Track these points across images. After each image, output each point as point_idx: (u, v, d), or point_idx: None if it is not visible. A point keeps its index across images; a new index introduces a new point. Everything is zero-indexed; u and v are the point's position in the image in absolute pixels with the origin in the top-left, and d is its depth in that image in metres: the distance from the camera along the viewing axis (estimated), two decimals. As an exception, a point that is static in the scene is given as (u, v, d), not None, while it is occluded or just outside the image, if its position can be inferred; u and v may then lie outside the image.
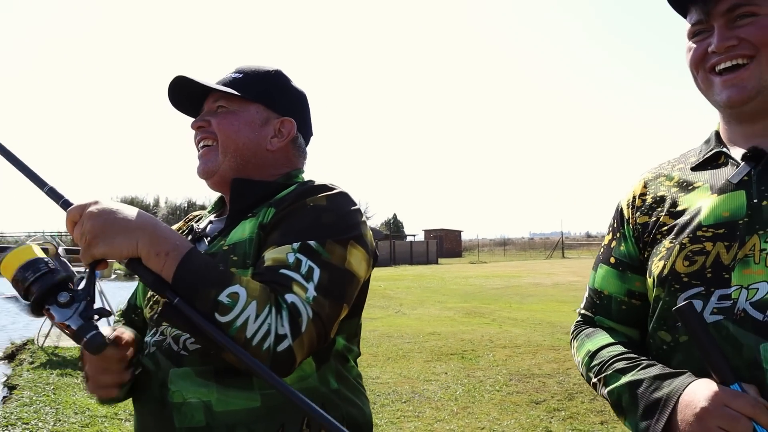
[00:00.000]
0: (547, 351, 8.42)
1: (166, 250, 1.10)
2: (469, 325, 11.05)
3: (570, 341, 1.43)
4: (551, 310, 13.22)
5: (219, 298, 1.07)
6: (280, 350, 1.08)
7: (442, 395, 6.20)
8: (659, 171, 1.35)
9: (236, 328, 1.06)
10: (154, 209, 61.42)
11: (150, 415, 1.27)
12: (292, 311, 1.11)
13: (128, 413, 5.66)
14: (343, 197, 1.32)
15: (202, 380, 1.21)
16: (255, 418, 1.19)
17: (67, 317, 1.03)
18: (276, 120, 1.44)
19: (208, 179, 1.44)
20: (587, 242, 66.89)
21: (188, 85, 1.43)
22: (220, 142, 1.40)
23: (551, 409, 5.63)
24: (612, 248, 1.37)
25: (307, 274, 1.16)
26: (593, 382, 1.26)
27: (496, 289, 18.54)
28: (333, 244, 1.22)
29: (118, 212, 1.10)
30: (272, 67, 1.48)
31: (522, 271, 28.25)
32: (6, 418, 5.56)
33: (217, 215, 1.52)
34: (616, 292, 1.34)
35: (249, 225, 1.31)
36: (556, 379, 6.75)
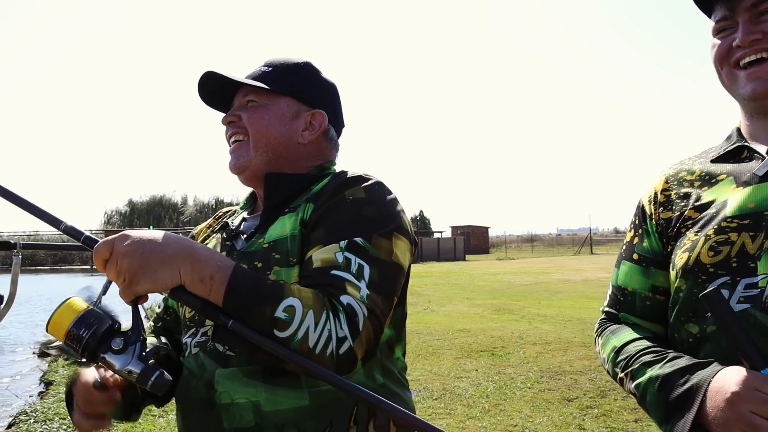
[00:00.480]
0: (578, 348, 8.35)
1: (210, 273, 1.06)
2: (499, 322, 11.01)
3: (594, 339, 1.43)
4: (581, 306, 13.11)
5: (276, 314, 1.05)
6: (342, 353, 1.08)
7: (474, 392, 6.18)
8: (680, 167, 1.35)
9: (298, 340, 1.05)
10: (182, 208, 62.02)
11: (197, 417, 1.26)
12: (349, 312, 1.11)
13: (161, 409, 5.73)
14: (380, 187, 1.31)
15: (250, 380, 1.20)
16: (304, 416, 1.19)
17: (128, 363, 1.02)
18: (307, 112, 1.43)
19: (240, 174, 1.43)
20: (616, 238, 66.36)
21: (218, 81, 1.43)
22: (251, 136, 1.39)
23: (584, 406, 5.58)
24: (635, 245, 1.37)
25: (358, 272, 1.16)
26: (620, 377, 1.26)
27: (524, 286, 18.44)
28: (379, 239, 1.21)
29: (151, 243, 1.05)
30: (301, 60, 1.48)
31: (550, 267, 28.06)
32: (44, 413, 5.67)
33: (249, 212, 1.51)
34: (640, 288, 1.33)
35: (289, 221, 1.30)
36: (588, 377, 6.69)
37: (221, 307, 1.06)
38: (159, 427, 5.26)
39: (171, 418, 5.49)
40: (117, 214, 66.27)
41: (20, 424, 5.42)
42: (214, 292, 1.06)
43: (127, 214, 64.86)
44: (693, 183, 1.29)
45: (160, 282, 1.03)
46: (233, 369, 1.22)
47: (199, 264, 1.06)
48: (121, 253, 1.03)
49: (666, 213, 1.30)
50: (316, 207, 1.28)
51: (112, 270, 1.03)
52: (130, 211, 64.58)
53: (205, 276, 1.06)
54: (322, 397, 1.20)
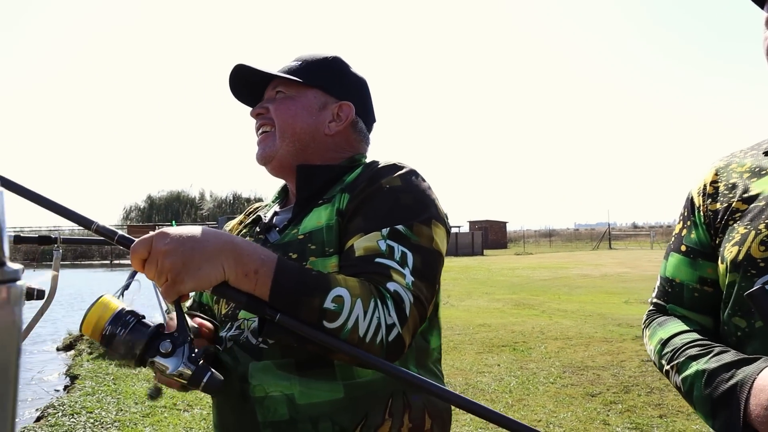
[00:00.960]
0: (599, 343, 8.32)
1: (255, 267, 1.04)
2: (519, 317, 10.98)
3: (642, 330, 1.43)
4: (601, 301, 13.06)
5: (325, 305, 1.04)
6: (391, 340, 1.09)
7: (496, 387, 6.18)
8: (731, 159, 1.34)
9: (348, 330, 1.05)
10: (199, 203, 62.34)
11: (231, 410, 1.26)
12: (396, 299, 1.11)
13: (186, 404, 5.78)
14: (415, 175, 1.32)
15: (284, 373, 1.20)
16: (338, 409, 1.19)
17: (179, 366, 1.01)
18: (334, 104, 1.44)
19: (266, 164, 1.44)
20: (634, 233, 65.89)
21: (248, 75, 1.44)
22: (278, 126, 1.40)
23: (608, 401, 5.56)
24: (683, 236, 1.36)
25: (402, 259, 1.16)
26: (666, 369, 1.25)
27: (543, 281, 18.38)
28: (419, 226, 1.22)
29: (192, 240, 1.02)
30: (330, 54, 1.49)
31: (569, 262, 27.93)
32: (71, 407, 5.73)
33: (281, 206, 1.51)
34: (688, 280, 1.33)
35: (325, 212, 1.29)
36: (610, 372, 6.66)
37: (267, 301, 1.04)
38: (184, 421, 5.30)
39: (196, 412, 5.54)
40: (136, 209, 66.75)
41: (48, 417, 5.49)
42: (260, 286, 1.04)
43: (146, 210, 65.35)
44: (742, 175, 1.28)
45: (205, 279, 1.00)
46: (267, 362, 1.21)
47: (243, 258, 1.04)
48: (162, 252, 0.99)
49: (714, 205, 1.29)
50: (353, 197, 1.28)
51: (152, 269, 1.00)
52: (148, 207, 65.06)
53: (250, 270, 1.04)
54: (357, 389, 1.20)
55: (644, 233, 61.39)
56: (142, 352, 1.02)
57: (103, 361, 7.87)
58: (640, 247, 44.50)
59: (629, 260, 27.85)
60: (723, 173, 1.32)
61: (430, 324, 1.37)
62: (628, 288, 15.62)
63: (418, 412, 1.25)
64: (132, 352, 1.02)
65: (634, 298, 13.58)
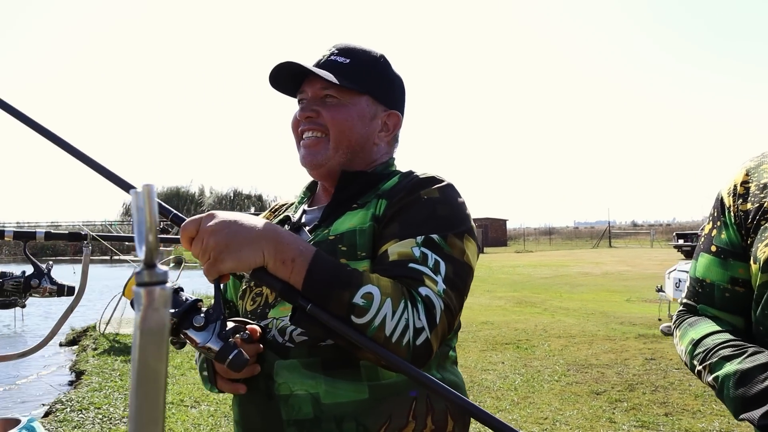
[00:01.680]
0: (602, 341, 8.35)
1: (292, 256, 1.08)
2: (521, 315, 11.01)
3: (672, 330, 1.43)
4: (602, 299, 13.08)
5: (354, 300, 1.06)
6: (419, 343, 1.09)
7: (501, 385, 6.21)
8: (762, 159, 1.34)
9: (375, 328, 1.06)
10: (199, 199, 62.34)
11: (255, 408, 1.27)
12: (428, 304, 1.12)
13: (193, 400, 5.80)
14: (452, 189, 1.33)
15: (310, 372, 1.20)
16: (363, 410, 1.19)
17: (208, 340, 1.05)
18: (383, 113, 1.43)
19: (313, 170, 1.42)
20: (634, 231, 65.83)
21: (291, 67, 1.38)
22: (333, 136, 1.37)
23: (613, 400, 5.59)
24: (713, 237, 1.37)
25: (435, 267, 1.17)
26: (697, 369, 1.26)
27: (544, 279, 18.41)
28: (453, 238, 1.23)
29: (237, 223, 1.07)
30: (377, 52, 1.45)
31: (569, 260, 27.95)
32: (79, 402, 5.75)
33: (308, 204, 1.51)
34: (719, 280, 1.33)
35: (358, 216, 1.30)
36: (614, 370, 6.69)
37: (300, 291, 1.07)
38: (192, 417, 5.33)
39: (203, 408, 5.56)
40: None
41: (57, 413, 5.50)
42: (295, 275, 1.07)
43: (147, 205, 65.04)
44: None
45: (244, 261, 1.04)
46: (293, 361, 1.22)
47: (283, 246, 1.08)
48: (208, 231, 1.04)
49: (745, 205, 1.30)
50: (390, 204, 1.29)
51: (197, 247, 1.05)
52: (149, 202, 64.78)
53: (287, 258, 1.07)
54: (382, 391, 1.21)
55: (644, 232, 61.38)
56: (176, 323, 1.06)
57: (108, 356, 7.89)
58: (640, 246, 44.51)
59: (629, 258, 27.88)
60: (754, 174, 1.33)
61: (455, 330, 1.38)
62: (629, 286, 15.64)
63: (440, 414, 1.25)
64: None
65: (635, 296, 13.61)
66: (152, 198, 0.39)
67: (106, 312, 9.78)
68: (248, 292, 1.39)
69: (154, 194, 0.39)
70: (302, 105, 1.41)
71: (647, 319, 10.09)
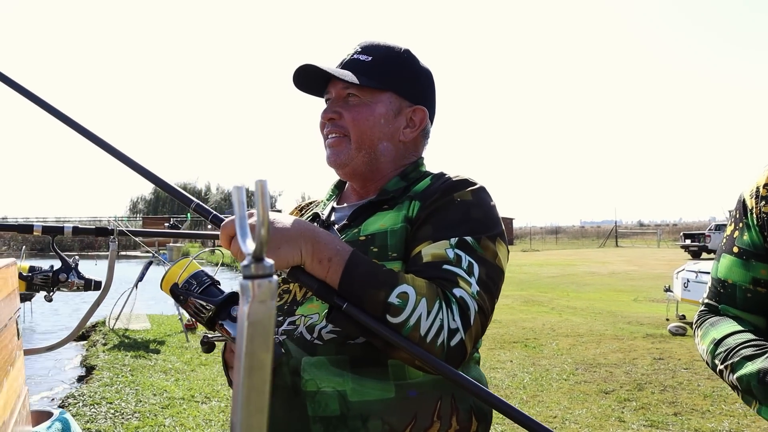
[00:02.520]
0: (610, 340, 8.35)
1: (329, 256, 1.10)
2: (529, 313, 11.02)
3: (693, 330, 1.45)
4: (609, 299, 13.09)
5: (389, 299, 1.08)
6: (453, 344, 1.10)
7: (510, 383, 6.22)
8: None
9: (410, 327, 1.07)
10: (206, 195, 62.49)
11: (280, 403, 1.26)
12: (462, 305, 1.13)
13: (204, 395, 5.83)
14: (485, 192, 1.33)
15: (337, 369, 1.21)
16: (389, 408, 1.20)
17: None
18: (408, 108, 1.42)
19: (339, 170, 1.44)
20: (641, 231, 65.72)
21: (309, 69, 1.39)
22: (355, 137, 1.38)
23: (622, 399, 5.60)
24: (735, 238, 1.38)
25: (469, 269, 1.18)
26: (719, 369, 1.27)
27: (551, 278, 18.41)
28: (486, 241, 1.24)
29: (277, 222, 1.11)
30: (400, 47, 1.44)
31: (576, 259, 27.94)
32: (91, 397, 5.79)
33: (336, 202, 1.52)
34: (741, 281, 1.35)
35: (388, 216, 1.31)
36: (623, 369, 6.70)
37: (337, 290, 1.10)
38: (203, 412, 5.36)
39: (214, 404, 5.59)
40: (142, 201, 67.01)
41: (69, 407, 5.54)
42: (332, 274, 1.10)
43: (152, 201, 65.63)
44: None
45: (282, 259, 1.07)
46: (321, 358, 1.22)
47: (320, 246, 1.10)
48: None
49: (767, 207, 1.31)
50: (424, 206, 1.29)
51: (237, 246, 1.06)
52: (155, 199, 65.34)
53: (324, 257, 1.10)
54: (408, 390, 1.21)
55: (651, 231, 61.24)
56: (213, 315, 1.08)
57: (119, 352, 7.92)
58: (647, 246, 44.43)
59: (636, 258, 27.85)
60: None
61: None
62: (637, 286, 15.64)
63: (465, 414, 1.26)
64: (202, 313, 1.08)
65: (643, 296, 13.61)
66: (265, 193, 0.40)
67: (115, 307, 9.81)
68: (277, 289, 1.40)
69: (267, 190, 0.41)
70: (326, 106, 1.43)
71: (655, 318, 10.09)
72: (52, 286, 1.85)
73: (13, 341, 1.24)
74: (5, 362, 1.14)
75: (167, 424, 5.06)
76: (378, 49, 1.42)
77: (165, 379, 6.52)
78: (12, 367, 1.22)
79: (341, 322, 1.11)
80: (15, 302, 1.29)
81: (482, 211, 1.29)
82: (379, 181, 1.42)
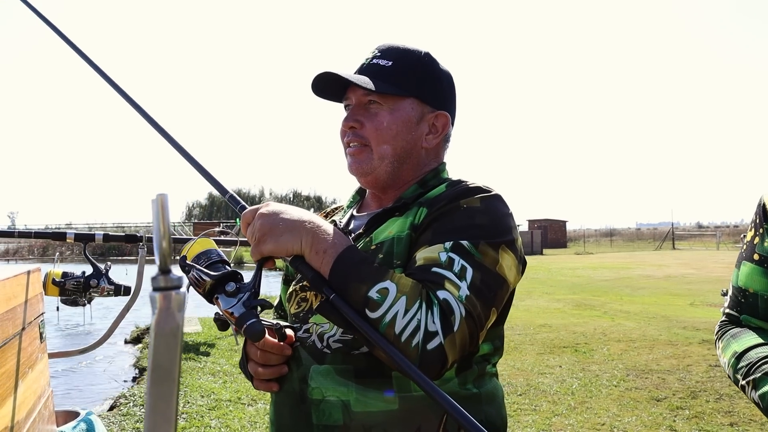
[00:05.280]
0: (664, 346, 8.14)
1: (325, 247, 1.13)
2: (580, 318, 10.83)
3: (714, 342, 1.39)
4: (665, 303, 12.76)
5: (369, 294, 1.08)
6: (430, 348, 1.06)
7: (558, 389, 6.12)
8: None
9: (386, 324, 1.06)
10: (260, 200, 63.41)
11: (287, 409, 1.28)
12: (444, 308, 1.09)
13: (250, 398, 5.90)
14: (498, 200, 1.29)
15: (342, 379, 1.21)
16: (392, 420, 1.18)
17: (231, 305, 1.08)
18: (430, 114, 1.39)
19: (361, 178, 1.42)
20: (699, 233, 64.01)
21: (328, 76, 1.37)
22: (377, 146, 1.36)
23: (674, 407, 5.44)
24: (755, 245, 1.33)
25: (460, 273, 1.14)
26: (741, 384, 1.23)
27: (605, 281, 18.06)
28: (486, 246, 1.19)
29: (286, 212, 1.15)
30: (420, 50, 1.40)
31: (631, 262, 27.35)
32: (141, 397, 5.93)
33: (356, 209, 1.50)
34: (762, 290, 1.29)
35: (398, 224, 1.30)
36: (676, 376, 6.52)
37: (327, 281, 1.12)
38: (249, 414, 5.42)
39: (260, 406, 5.66)
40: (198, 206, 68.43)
41: (120, 407, 5.69)
42: (324, 265, 1.12)
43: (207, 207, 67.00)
44: None
45: (282, 246, 1.12)
46: (327, 366, 1.22)
47: (319, 237, 1.14)
48: (259, 216, 1.15)
49: None
50: (430, 212, 1.27)
51: (249, 231, 1.15)
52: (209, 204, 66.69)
53: (320, 249, 1.13)
54: (413, 402, 1.19)
55: (710, 233, 59.58)
56: (211, 287, 1.11)
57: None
58: (705, 248, 43.18)
59: (694, 261, 27.10)
60: None
61: (496, 350, 1.35)
62: (694, 290, 15.21)
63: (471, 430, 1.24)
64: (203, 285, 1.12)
65: (699, 300, 13.23)
66: (165, 207, 0.40)
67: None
68: (294, 296, 1.39)
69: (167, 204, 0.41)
70: (346, 113, 1.41)
71: (712, 324, 9.76)
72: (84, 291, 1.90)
73: (33, 344, 1.27)
74: (24, 364, 1.17)
75: (213, 426, 5.13)
76: (398, 53, 1.39)
77: (213, 381, 6.62)
78: (32, 370, 1.25)
79: (327, 312, 1.12)
80: (37, 307, 1.33)
81: (489, 218, 1.24)
82: (401, 188, 1.41)
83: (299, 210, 1.18)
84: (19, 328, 1.13)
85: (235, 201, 1.25)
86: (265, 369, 1.29)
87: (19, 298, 1.14)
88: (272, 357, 1.28)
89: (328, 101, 1.47)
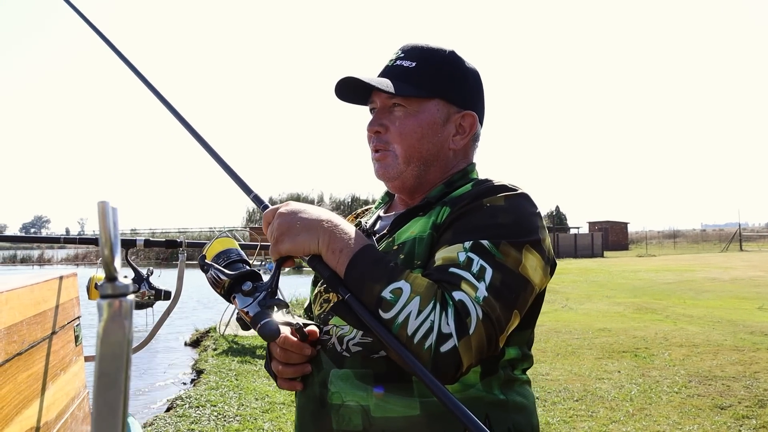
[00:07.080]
0: (729, 352, 7.85)
1: (341, 247, 1.13)
2: (641, 322, 10.55)
3: None
4: (731, 307, 12.32)
5: (382, 293, 1.06)
6: (443, 351, 1.02)
7: (616, 395, 5.96)
8: None
9: (398, 324, 1.04)
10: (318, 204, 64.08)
11: (309, 413, 1.26)
12: (459, 309, 1.05)
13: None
14: (524, 199, 1.24)
15: (362, 384, 1.18)
16: (413, 426, 1.15)
17: (247, 305, 1.10)
18: (456, 114, 1.36)
19: (387, 182, 1.40)
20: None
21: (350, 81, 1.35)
22: (402, 151, 1.34)
23: (739, 416, 5.23)
24: None
25: (479, 273, 1.10)
26: None
27: (667, 284, 17.55)
28: (507, 246, 1.15)
29: (304, 212, 1.16)
30: (445, 48, 1.37)
31: (695, 264, 26.52)
32: (197, 399, 6.04)
33: (384, 210, 1.49)
34: None
35: (420, 223, 1.27)
36: (742, 383, 6.27)
37: (342, 280, 1.11)
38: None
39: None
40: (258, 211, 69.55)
41: (177, 408, 5.80)
42: (340, 265, 1.12)
43: (267, 211, 68.05)
44: None
45: (300, 245, 1.13)
46: (347, 371, 1.20)
47: (336, 237, 1.14)
48: (278, 215, 1.15)
49: None
50: (452, 211, 1.24)
51: (268, 230, 1.16)
52: (269, 208, 67.73)
53: (336, 248, 1.13)
54: (434, 408, 1.15)
55: (780, 234, 57.38)
56: (229, 286, 1.13)
57: (227, 357, 8.22)
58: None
59: (763, 263, 26.10)
60: None
61: (525, 356, 1.30)
62: (762, 293, 14.64)
63: None
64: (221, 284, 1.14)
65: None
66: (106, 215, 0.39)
67: (225, 314, 10.20)
68: (318, 297, 1.39)
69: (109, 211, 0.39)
70: (371, 117, 1.39)
71: (781, 328, 9.41)
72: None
73: (67, 347, 1.29)
74: (56, 366, 1.19)
75: (266, 428, 5.18)
76: (422, 53, 1.36)
77: (267, 384, 6.69)
78: (64, 372, 1.27)
79: (342, 312, 1.14)
80: (72, 311, 1.35)
81: (512, 217, 1.20)
82: (428, 191, 1.38)
83: (318, 209, 1.18)
84: (49, 332, 1.15)
85: (259, 201, 1.27)
86: (287, 368, 1.28)
87: (49, 303, 1.15)
88: (293, 356, 1.27)
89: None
